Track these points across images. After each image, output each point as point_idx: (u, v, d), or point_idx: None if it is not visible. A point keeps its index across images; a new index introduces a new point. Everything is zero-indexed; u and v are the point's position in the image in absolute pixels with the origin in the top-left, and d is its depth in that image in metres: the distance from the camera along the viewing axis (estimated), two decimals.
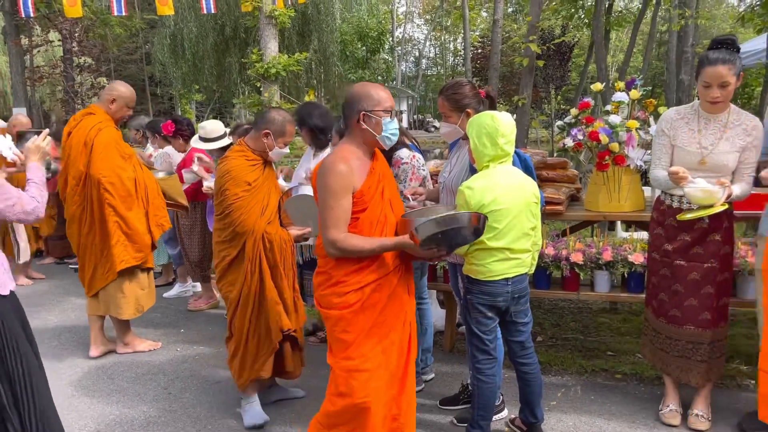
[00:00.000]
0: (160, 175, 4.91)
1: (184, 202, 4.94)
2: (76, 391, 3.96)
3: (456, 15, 14.37)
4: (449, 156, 3.47)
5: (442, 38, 50.00)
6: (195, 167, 5.07)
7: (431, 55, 53.33)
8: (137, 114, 8.06)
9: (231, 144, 4.88)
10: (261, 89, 9.45)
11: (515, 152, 3.19)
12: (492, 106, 3.21)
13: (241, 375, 3.36)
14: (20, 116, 6.62)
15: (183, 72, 16.75)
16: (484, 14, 32.72)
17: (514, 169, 2.89)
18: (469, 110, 3.11)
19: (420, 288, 3.87)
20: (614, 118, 4.01)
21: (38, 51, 15.24)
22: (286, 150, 3.36)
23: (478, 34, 28.52)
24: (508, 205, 2.78)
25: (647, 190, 4.40)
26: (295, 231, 3.36)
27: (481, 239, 2.79)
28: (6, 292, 2.43)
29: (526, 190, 2.86)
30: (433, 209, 2.89)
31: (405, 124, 39.52)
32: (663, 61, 25.70)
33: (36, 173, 2.69)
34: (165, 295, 5.98)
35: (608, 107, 4.18)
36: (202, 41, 15.61)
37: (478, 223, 2.54)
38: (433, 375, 4.00)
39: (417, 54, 51.47)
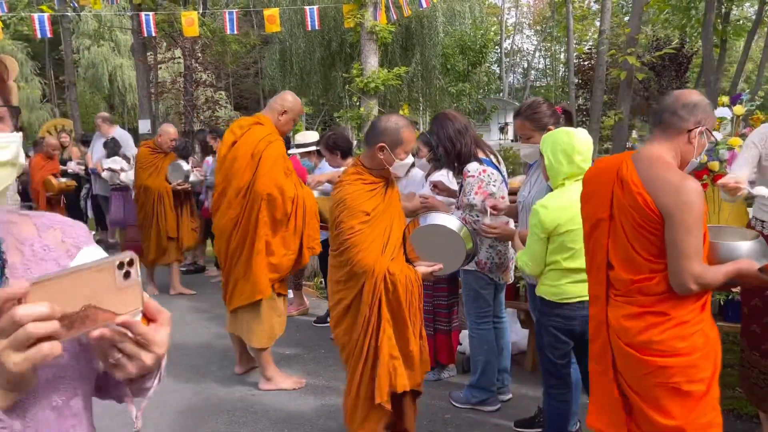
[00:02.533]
0: (318, 194, 4.58)
1: None
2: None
3: (561, 27, 14.00)
4: (528, 174, 3.40)
5: (552, 49, 48.83)
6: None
7: (540, 66, 52.25)
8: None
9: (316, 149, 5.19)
10: (360, 104, 9.68)
11: None
12: (569, 122, 3.12)
13: (351, 428, 2.98)
14: (167, 126, 6.68)
15: (291, 86, 17.44)
16: (598, 23, 31.66)
17: None
18: (550, 128, 3.05)
19: (497, 306, 3.82)
20: (715, 135, 3.76)
21: (162, 67, 16.45)
22: (410, 159, 2.88)
23: (590, 45, 27.64)
24: None
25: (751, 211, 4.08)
26: (423, 268, 2.82)
27: (556, 259, 2.72)
28: None
29: None
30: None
31: (510, 135, 38.98)
32: None
33: None
34: None
35: None
36: (309, 56, 16.22)
37: None
38: (510, 395, 3.92)
39: (525, 65, 50.59)
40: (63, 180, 8.36)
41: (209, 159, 7.17)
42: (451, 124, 3.57)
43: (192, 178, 6.68)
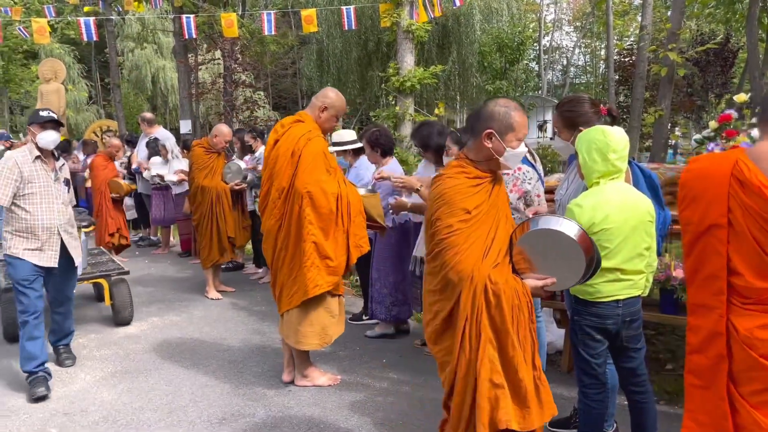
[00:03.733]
0: (363, 191, 4.45)
1: (383, 222, 4.37)
2: (209, 380, 4.32)
3: (602, 23, 13.76)
4: (566, 172, 3.38)
5: (593, 45, 48.00)
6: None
7: (580, 63, 51.41)
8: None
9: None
10: (396, 102, 9.71)
11: (638, 168, 3.06)
12: (614, 124, 3.08)
13: None
14: (222, 126, 6.66)
15: (328, 85, 17.63)
16: (639, 19, 30.98)
17: (626, 186, 2.76)
18: (582, 128, 3.02)
19: (535, 306, 3.79)
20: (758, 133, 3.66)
21: (202, 68, 16.76)
22: (523, 149, 2.49)
23: (631, 41, 27.07)
24: (619, 224, 2.66)
25: None
26: (532, 281, 2.38)
27: None
28: None
29: (640, 208, 2.71)
30: None
31: (549, 133, 38.45)
32: None
33: None
34: None
35: (754, 120, 3.84)
36: (346, 56, 16.33)
37: None
38: None
39: (565, 62, 49.85)
40: (127, 181, 8.60)
41: (247, 158, 7.30)
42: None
43: (249, 176, 6.73)
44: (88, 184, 9.65)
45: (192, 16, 10.24)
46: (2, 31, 11.71)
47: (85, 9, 11.42)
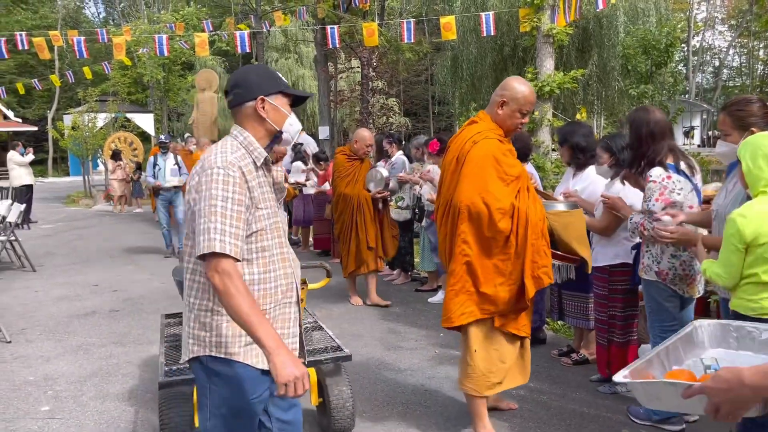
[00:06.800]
0: (560, 207, 3.58)
1: (584, 252, 3.46)
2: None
3: (762, 21, 12.64)
4: (726, 180, 3.18)
5: (749, 45, 44.15)
6: None
7: (734, 64, 47.53)
8: (419, 131, 8.76)
9: None
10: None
11: None
12: None
13: None
14: (363, 131, 6.50)
15: (461, 91, 17.65)
16: None
17: None
18: (754, 129, 2.84)
19: (684, 321, 3.60)
20: None
21: (341, 76, 17.46)
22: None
23: None
24: None
25: None
26: None
27: (754, 272, 2.54)
28: None
29: None
30: None
31: (697, 140, 35.81)
32: None
33: None
34: (429, 300, 6.49)
35: None
36: (480, 61, 16.28)
37: None
38: (697, 417, 3.67)
39: (716, 64, 46.32)
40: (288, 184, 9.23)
41: (380, 163, 7.50)
42: (646, 126, 3.44)
43: (391, 184, 6.50)
44: None
45: (336, 26, 10.73)
46: (167, 44, 12.92)
47: (240, 26, 12.35)
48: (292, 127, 2.21)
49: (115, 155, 16.75)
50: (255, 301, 1.95)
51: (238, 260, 1.96)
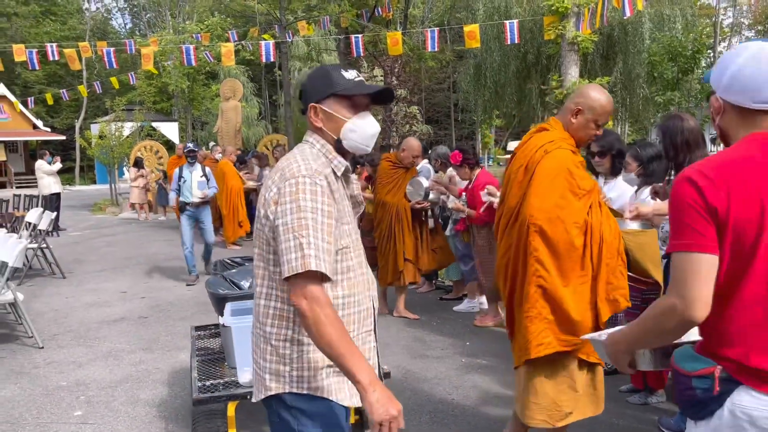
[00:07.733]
0: (633, 225, 3.47)
1: (659, 276, 3.32)
2: None
3: None
4: None
5: None
6: (484, 196, 5.36)
7: None
8: (440, 140, 8.76)
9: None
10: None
11: None
12: None
13: None
14: (412, 140, 6.33)
15: (484, 99, 17.64)
16: None
17: None
18: None
19: None
20: None
21: None
22: None
23: None
24: None
25: None
26: None
27: None
28: None
29: None
30: None
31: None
32: None
33: None
34: (455, 308, 6.46)
35: None
36: (503, 69, 16.24)
37: None
38: None
39: None
40: None
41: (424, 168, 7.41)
42: (681, 135, 3.42)
43: (431, 196, 6.20)
44: None
45: (360, 35, 10.80)
46: (194, 54, 13.11)
47: (264, 36, 12.50)
48: (353, 133, 1.92)
49: (137, 163, 16.98)
50: (346, 331, 1.74)
51: (330, 280, 1.78)
